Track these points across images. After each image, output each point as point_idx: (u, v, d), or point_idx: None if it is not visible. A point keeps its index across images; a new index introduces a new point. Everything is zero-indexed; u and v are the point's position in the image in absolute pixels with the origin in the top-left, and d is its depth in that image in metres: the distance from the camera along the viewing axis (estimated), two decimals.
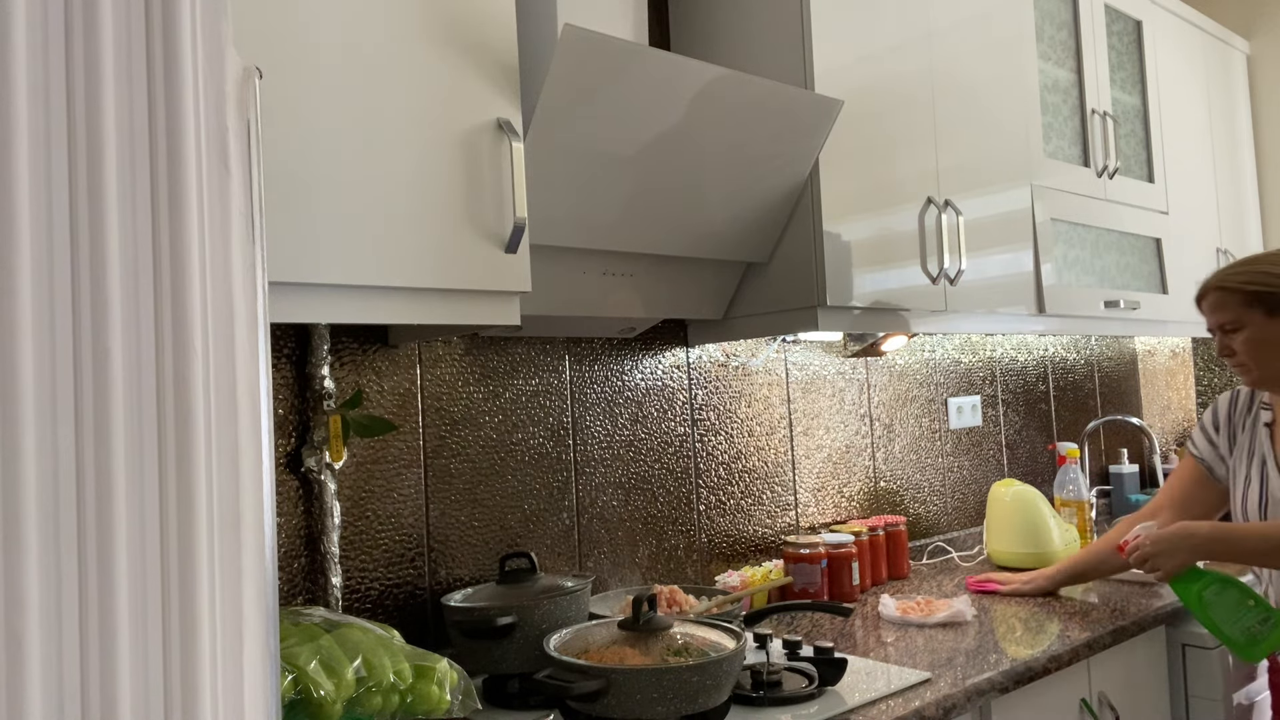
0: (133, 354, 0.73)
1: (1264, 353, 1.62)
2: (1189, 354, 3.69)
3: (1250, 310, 1.62)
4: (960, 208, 2.07)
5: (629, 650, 1.28)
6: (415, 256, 1.25)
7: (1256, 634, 1.56)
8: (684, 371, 2.04)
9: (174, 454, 0.74)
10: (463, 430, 1.69)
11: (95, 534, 0.70)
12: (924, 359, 2.60)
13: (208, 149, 0.79)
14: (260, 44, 1.12)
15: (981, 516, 2.71)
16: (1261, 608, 1.56)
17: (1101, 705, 1.74)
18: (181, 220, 0.76)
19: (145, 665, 0.72)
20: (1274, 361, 1.62)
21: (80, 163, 0.72)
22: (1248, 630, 1.56)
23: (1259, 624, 1.56)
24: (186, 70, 0.77)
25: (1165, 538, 1.61)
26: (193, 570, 0.74)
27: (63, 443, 0.70)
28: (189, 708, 0.73)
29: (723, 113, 1.58)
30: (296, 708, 1.06)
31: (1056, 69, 2.48)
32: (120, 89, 0.74)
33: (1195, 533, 1.60)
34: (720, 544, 2.07)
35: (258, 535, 0.79)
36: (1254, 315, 1.61)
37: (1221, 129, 3.20)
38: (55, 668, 0.68)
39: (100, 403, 0.71)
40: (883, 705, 1.39)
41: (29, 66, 0.70)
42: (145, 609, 0.72)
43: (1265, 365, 1.63)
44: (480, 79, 1.33)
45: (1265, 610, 1.56)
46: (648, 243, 1.64)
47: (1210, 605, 1.58)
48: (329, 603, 1.47)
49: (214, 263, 0.79)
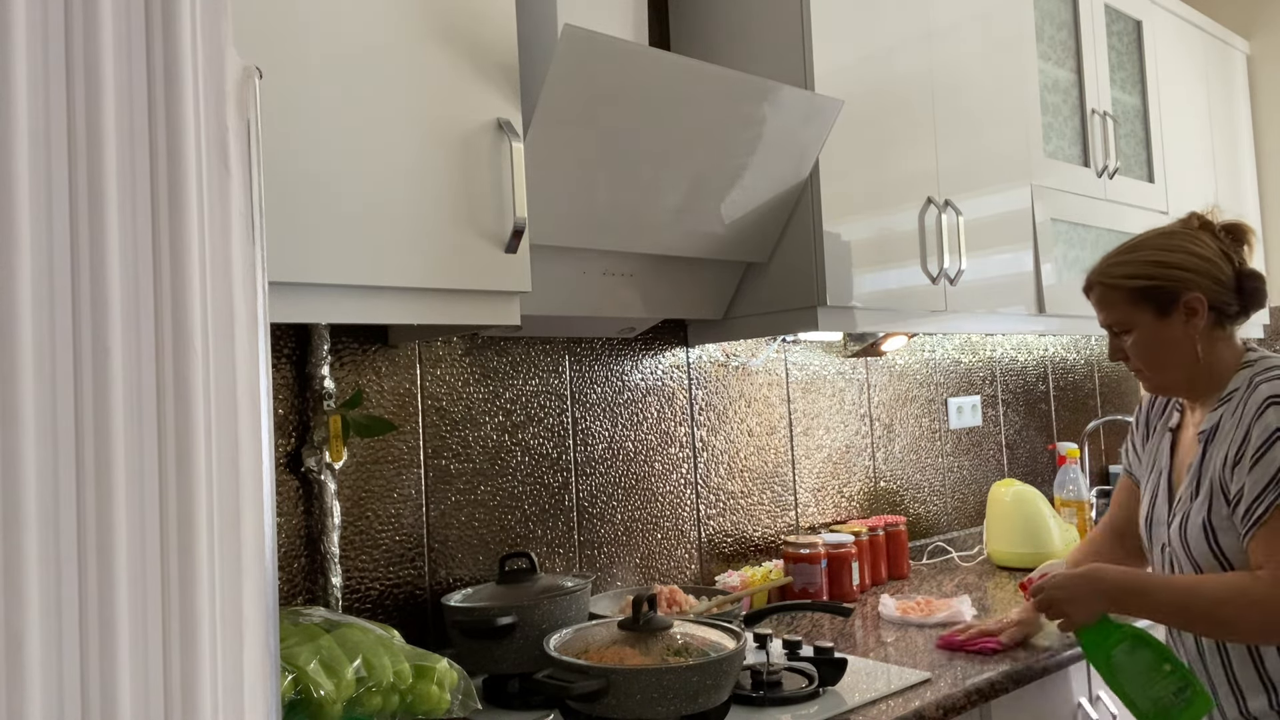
0: (133, 354, 0.73)
1: (1158, 356, 1.39)
2: None
3: (1138, 309, 1.39)
4: (960, 208, 2.07)
5: (629, 650, 1.28)
6: (415, 256, 1.25)
7: (1169, 705, 1.31)
8: (684, 371, 2.04)
9: (174, 454, 0.74)
10: (463, 430, 1.69)
11: (95, 534, 0.70)
12: (924, 359, 2.60)
13: (208, 149, 0.79)
14: (260, 44, 1.12)
15: (981, 516, 2.71)
16: (1178, 675, 1.31)
17: (1101, 705, 1.74)
18: (181, 220, 0.76)
19: (145, 665, 0.72)
20: (1170, 367, 1.39)
21: (80, 163, 0.72)
22: (1158, 701, 1.32)
23: (1173, 695, 1.31)
24: (186, 70, 0.77)
25: (1070, 582, 1.38)
26: (193, 570, 0.74)
27: (63, 443, 0.70)
28: (189, 708, 0.73)
29: (723, 113, 1.58)
30: (296, 708, 1.06)
31: (1056, 69, 2.48)
32: (120, 89, 0.74)
33: (1103, 578, 1.36)
34: (720, 544, 2.07)
35: (258, 535, 0.79)
36: (1143, 315, 1.39)
37: (1221, 129, 3.20)
38: (55, 668, 0.68)
39: (100, 403, 0.71)
40: (883, 705, 1.38)
41: (29, 66, 0.70)
42: (145, 609, 0.72)
43: (1161, 370, 1.40)
44: (480, 79, 1.33)
45: (1182, 678, 1.31)
46: (648, 243, 1.64)
47: (1119, 667, 1.35)
48: (329, 603, 1.47)
49: (214, 263, 0.79)
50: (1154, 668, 1.33)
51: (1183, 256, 1.37)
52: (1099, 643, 1.36)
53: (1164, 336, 1.38)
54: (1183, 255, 1.37)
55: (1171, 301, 1.37)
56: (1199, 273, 1.36)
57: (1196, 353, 1.37)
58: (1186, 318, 1.37)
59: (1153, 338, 1.38)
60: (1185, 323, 1.37)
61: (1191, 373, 1.39)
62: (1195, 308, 1.36)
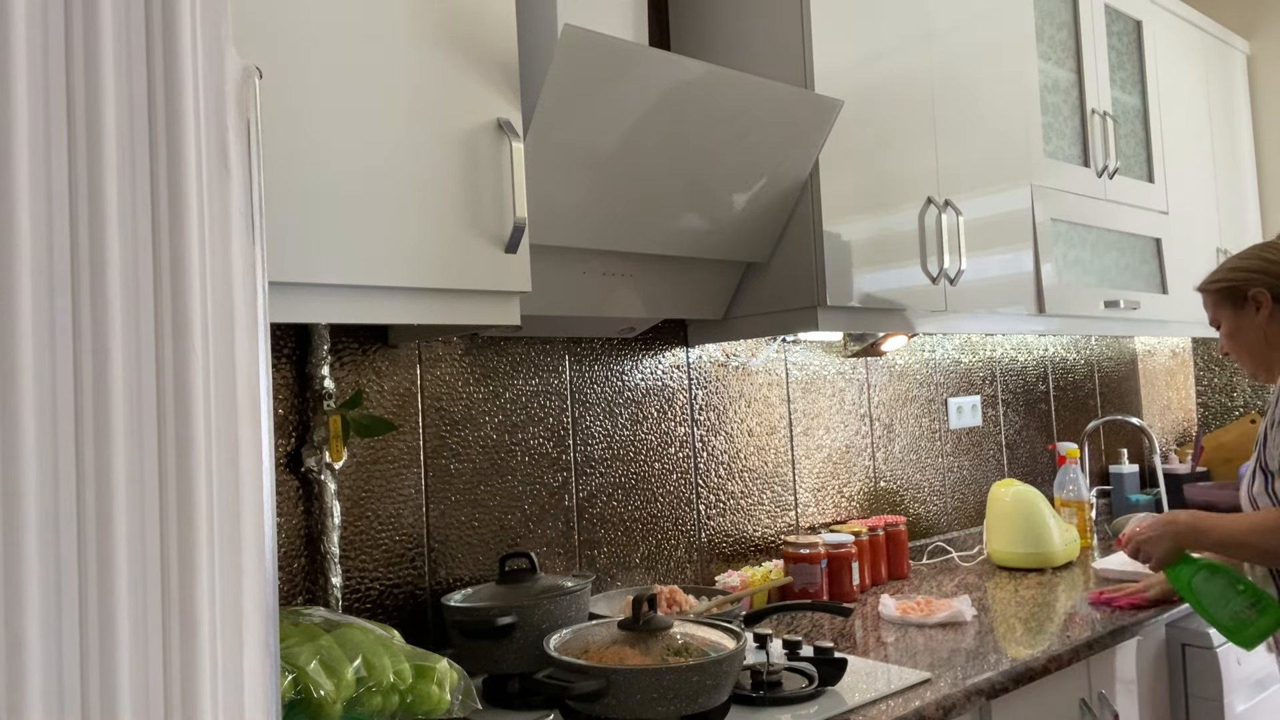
0: (133, 354, 0.73)
1: (1238, 345, 1.68)
2: (1189, 354, 3.69)
3: (1221, 308, 1.69)
4: (960, 208, 2.07)
5: (629, 650, 1.28)
6: (415, 256, 1.25)
7: (1245, 619, 1.57)
8: (684, 371, 2.04)
9: (174, 454, 0.74)
10: (463, 430, 1.69)
11: (95, 534, 0.70)
12: (924, 359, 2.60)
13: (208, 149, 0.79)
14: (260, 44, 1.12)
15: (981, 516, 2.71)
16: (1249, 593, 1.57)
17: (1102, 705, 1.74)
18: (181, 220, 0.76)
19: (145, 665, 0.72)
20: (1246, 354, 1.68)
21: (80, 163, 0.72)
22: (1237, 615, 1.58)
23: (1247, 608, 1.57)
24: (186, 70, 0.77)
25: (1149, 530, 1.68)
26: (193, 570, 0.74)
27: (63, 443, 0.70)
28: (189, 708, 0.73)
29: (722, 113, 1.58)
30: (296, 708, 1.07)
31: (1056, 69, 2.48)
32: (120, 89, 0.74)
33: (1174, 522, 1.66)
34: (720, 544, 2.07)
35: (258, 535, 0.79)
36: (1225, 311, 1.69)
37: (1221, 129, 3.20)
38: (55, 668, 0.68)
39: (100, 403, 0.71)
40: (883, 705, 1.39)
41: (29, 66, 0.70)
42: (145, 609, 0.72)
43: (1242, 357, 1.69)
44: (480, 79, 1.33)
45: (1253, 595, 1.57)
46: (648, 243, 1.64)
47: (1200, 592, 1.61)
48: (329, 603, 1.47)
49: (214, 263, 0.79)
50: (1229, 589, 1.59)
51: (1252, 260, 1.67)
52: (1180, 575, 1.63)
53: (1240, 327, 1.67)
54: (1252, 259, 1.67)
55: (1242, 297, 1.66)
56: (1264, 272, 1.64)
57: (1264, 340, 1.65)
58: (1255, 310, 1.64)
59: (1233, 329, 1.68)
60: (1255, 315, 1.65)
61: (1265, 358, 1.67)
62: (1261, 301, 1.63)
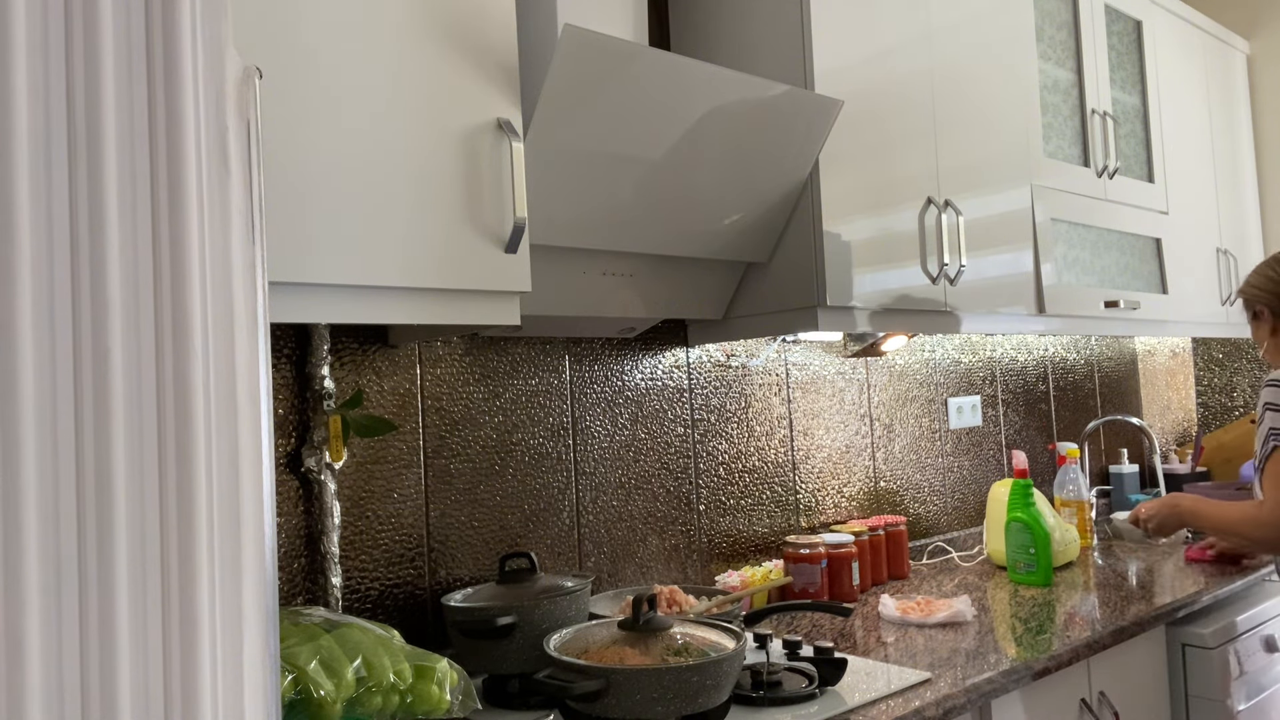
0: (133, 354, 0.73)
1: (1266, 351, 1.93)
2: (1189, 354, 3.69)
3: (1247, 313, 1.96)
4: (960, 208, 2.07)
5: (629, 650, 1.28)
6: (415, 256, 1.25)
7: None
8: (684, 371, 2.04)
9: (174, 454, 0.74)
10: (463, 430, 1.69)
11: (95, 534, 0.70)
12: (924, 359, 2.60)
13: (208, 149, 0.79)
14: (260, 44, 1.12)
15: (981, 516, 2.71)
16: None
17: (1101, 705, 1.74)
18: (181, 220, 0.76)
19: (145, 665, 0.72)
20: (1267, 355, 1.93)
21: (80, 163, 0.72)
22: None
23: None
24: (186, 70, 0.77)
25: (1157, 505, 1.98)
26: (193, 570, 0.74)
27: (63, 443, 0.70)
28: (189, 708, 0.73)
29: (722, 113, 1.58)
30: (296, 708, 1.06)
31: (1056, 69, 2.48)
32: (120, 89, 0.74)
33: (1177, 504, 1.95)
34: (720, 544, 2.07)
35: (258, 535, 0.79)
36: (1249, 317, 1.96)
37: (1221, 129, 3.20)
38: (55, 668, 0.68)
39: (100, 403, 0.71)
40: (883, 705, 1.39)
41: (29, 66, 0.70)
42: (145, 609, 0.72)
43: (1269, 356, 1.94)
44: (480, 79, 1.33)
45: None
46: (648, 243, 1.64)
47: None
48: (329, 603, 1.47)
49: (214, 263, 0.79)
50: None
51: (1258, 278, 1.92)
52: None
53: (1257, 338, 1.93)
54: (1260, 275, 1.92)
55: (1252, 312, 1.94)
56: (1265, 290, 1.90)
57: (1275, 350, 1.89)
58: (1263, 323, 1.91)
59: (1254, 334, 1.95)
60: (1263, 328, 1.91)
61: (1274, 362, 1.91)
62: (1263, 315, 1.91)
